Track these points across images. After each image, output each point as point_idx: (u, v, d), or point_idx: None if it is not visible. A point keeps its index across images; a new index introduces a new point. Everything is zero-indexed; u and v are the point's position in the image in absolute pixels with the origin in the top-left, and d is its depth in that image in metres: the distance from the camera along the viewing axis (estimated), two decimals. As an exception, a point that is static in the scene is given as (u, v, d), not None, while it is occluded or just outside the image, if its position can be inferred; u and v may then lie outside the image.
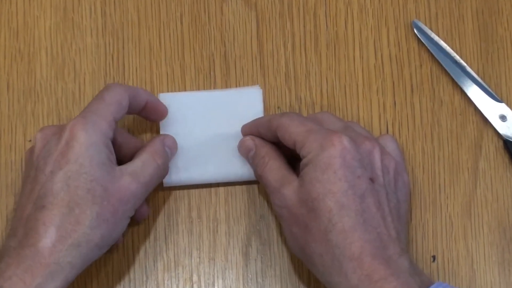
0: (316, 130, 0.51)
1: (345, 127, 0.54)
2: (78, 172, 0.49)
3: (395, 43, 0.61)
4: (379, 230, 0.49)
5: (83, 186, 0.49)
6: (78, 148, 0.49)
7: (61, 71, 0.61)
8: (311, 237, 0.50)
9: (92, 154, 0.50)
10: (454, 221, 0.58)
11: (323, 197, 0.49)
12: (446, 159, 0.59)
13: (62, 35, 0.61)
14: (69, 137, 0.50)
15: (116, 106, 0.52)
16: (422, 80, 0.60)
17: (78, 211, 0.49)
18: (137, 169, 0.52)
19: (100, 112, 0.51)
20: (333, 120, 0.55)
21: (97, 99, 0.52)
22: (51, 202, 0.49)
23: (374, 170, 0.51)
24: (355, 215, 0.49)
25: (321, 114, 0.56)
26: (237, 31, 0.61)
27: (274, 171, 0.53)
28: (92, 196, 0.49)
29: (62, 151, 0.50)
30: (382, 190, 0.51)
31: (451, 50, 0.60)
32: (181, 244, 0.58)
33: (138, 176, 0.52)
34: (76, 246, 0.49)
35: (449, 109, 0.60)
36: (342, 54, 0.61)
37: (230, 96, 0.59)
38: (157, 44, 0.61)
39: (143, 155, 0.53)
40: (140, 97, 0.55)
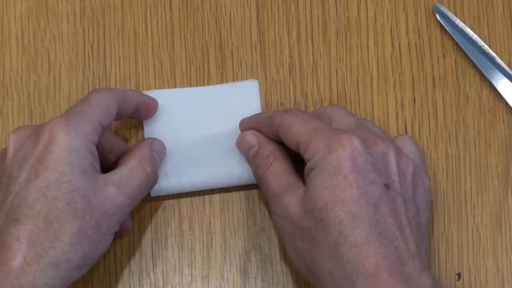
0: (322, 129, 0.51)
1: (358, 124, 0.54)
2: (58, 181, 0.49)
3: (414, 30, 0.61)
4: (396, 243, 0.49)
5: (63, 197, 0.49)
6: (58, 153, 0.49)
7: (33, 62, 0.60)
8: (318, 252, 0.49)
9: (73, 161, 0.49)
10: (482, 233, 0.58)
11: (332, 206, 0.49)
12: (473, 163, 0.59)
13: (35, 21, 0.61)
14: (48, 140, 0.49)
15: (104, 111, 0.52)
16: (446, 73, 0.60)
17: (56, 225, 0.48)
18: (124, 178, 0.52)
19: (84, 114, 0.51)
20: (344, 116, 0.55)
21: (82, 102, 0.52)
22: (26, 215, 0.48)
23: (389, 175, 0.51)
24: (368, 226, 0.48)
25: (331, 108, 0.56)
26: (234, 16, 0.61)
27: (277, 175, 0.53)
28: (73, 209, 0.49)
29: (40, 156, 0.49)
30: (399, 198, 0.50)
31: (478, 39, 0.60)
32: (170, 260, 0.57)
33: (125, 187, 0.51)
34: (54, 265, 0.48)
35: (476, 106, 0.60)
36: (354, 43, 0.60)
37: (221, 91, 0.59)
38: (143, 31, 0.61)
39: (130, 162, 0.53)
40: (130, 101, 0.55)
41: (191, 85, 0.59)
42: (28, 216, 0.48)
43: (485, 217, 0.58)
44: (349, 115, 0.55)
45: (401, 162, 0.52)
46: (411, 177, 0.52)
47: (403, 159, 0.52)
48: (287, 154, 0.55)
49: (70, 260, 0.49)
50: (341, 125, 0.53)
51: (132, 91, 0.56)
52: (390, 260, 0.48)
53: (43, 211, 0.48)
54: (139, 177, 0.53)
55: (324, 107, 0.57)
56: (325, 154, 0.50)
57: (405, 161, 0.52)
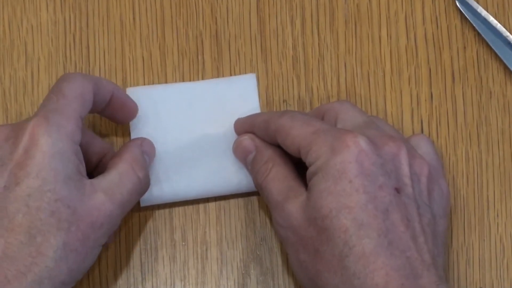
0: (325, 130, 0.51)
1: (367, 123, 0.54)
2: (40, 190, 0.48)
3: (432, 19, 0.61)
4: (408, 254, 0.48)
5: (46, 208, 0.48)
6: (40, 158, 0.49)
7: (9, 55, 0.60)
8: (323, 265, 0.49)
9: (57, 166, 0.49)
10: (507, 244, 0.58)
11: (336, 213, 0.49)
12: (496, 167, 0.59)
13: (10, 8, 0.61)
14: (29, 144, 0.49)
15: (81, 102, 0.52)
16: (466, 66, 0.60)
17: (40, 239, 0.48)
18: (113, 184, 0.52)
19: (63, 110, 0.51)
20: (352, 113, 0.55)
21: (55, 94, 0.51)
22: (5, 227, 0.48)
23: (400, 178, 0.51)
24: (377, 235, 0.48)
25: (338, 104, 0.56)
26: (232, 3, 0.61)
27: (278, 181, 0.53)
28: (57, 220, 0.48)
29: (20, 161, 0.49)
30: (412, 203, 0.50)
31: (503, 28, 0.60)
32: (161, 274, 0.57)
33: (114, 194, 0.51)
34: (37, 283, 0.48)
35: (500, 103, 0.60)
36: (365, 33, 0.61)
37: (216, 87, 0.59)
38: (131, 20, 0.61)
39: (120, 166, 0.53)
40: (104, 89, 0.54)
41: (183, 79, 0.60)
42: (8, 228, 0.48)
43: (510, 226, 0.58)
44: (357, 112, 0.55)
45: (414, 163, 0.52)
46: (426, 180, 0.52)
47: (417, 160, 0.52)
48: (287, 158, 0.55)
49: (55, 276, 0.48)
50: (347, 124, 0.54)
51: (106, 79, 0.56)
52: (401, 272, 0.48)
53: (25, 223, 0.48)
54: (131, 182, 0.52)
55: (330, 103, 0.58)
56: (329, 157, 0.50)
57: (419, 163, 0.52)
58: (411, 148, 0.53)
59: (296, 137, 0.52)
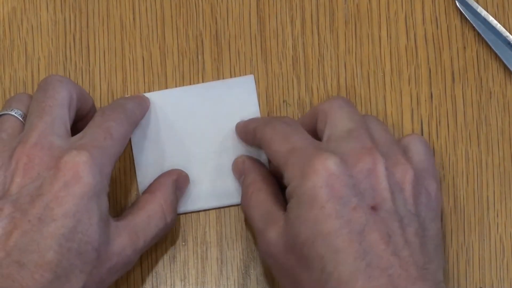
0: (299, 150, 0.51)
1: (354, 129, 0.52)
2: (74, 230, 0.48)
3: (432, 19, 0.61)
4: (391, 271, 0.47)
5: (76, 249, 0.48)
6: (79, 198, 0.48)
7: (9, 55, 0.61)
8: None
9: (93, 208, 0.49)
10: (507, 244, 0.58)
11: (312, 241, 0.48)
12: (496, 167, 0.59)
13: (10, 9, 0.61)
14: (71, 179, 0.49)
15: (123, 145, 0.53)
16: (466, 66, 0.60)
17: (64, 279, 0.48)
18: (139, 228, 0.52)
19: (108, 152, 0.51)
20: (341, 114, 0.53)
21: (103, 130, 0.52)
22: (35, 262, 0.47)
23: (377, 194, 0.50)
24: (353, 259, 0.47)
25: (329, 105, 0.54)
26: (232, 3, 0.61)
27: (258, 208, 0.53)
28: (83, 262, 0.49)
29: (59, 196, 0.48)
30: (393, 217, 0.49)
31: (503, 28, 0.59)
32: (161, 274, 0.58)
33: (138, 239, 0.52)
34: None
35: (500, 103, 0.60)
36: (365, 33, 0.61)
37: (213, 90, 0.59)
38: (131, 20, 0.61)
39: (151, 207, 0.54)
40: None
41: (183, 79, 0.60)
42: (37, 264, 0.47)
43: (510, 226, 0.58)
44: (347, 114, 0.54)
45: (396, 172, 0.51)
46: (411, 187, 0.51)
47: (400, 167, 0.51)
48: (271, 178, 0.55)
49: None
50: (333, 132, 0.53)
51: None
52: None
53: (54, 261, 0.47)
54: (157, 227, 0.53)
55: (322, 103, 0.56)
56: (300, 182, 0.49)
57: (401, 170, 0.51)
58: (395, 154, 0.52)
59: (274, 153, 0.52)
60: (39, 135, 0.50)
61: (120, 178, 0.59)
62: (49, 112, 0.51)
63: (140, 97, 0.58)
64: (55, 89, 0.52)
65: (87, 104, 0.55)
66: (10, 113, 0.53)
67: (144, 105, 0.58)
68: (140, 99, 0.58)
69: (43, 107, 0.51)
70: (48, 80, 0.53)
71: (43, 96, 0.52)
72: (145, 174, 0.58)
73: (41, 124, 0.51)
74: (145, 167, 0.58)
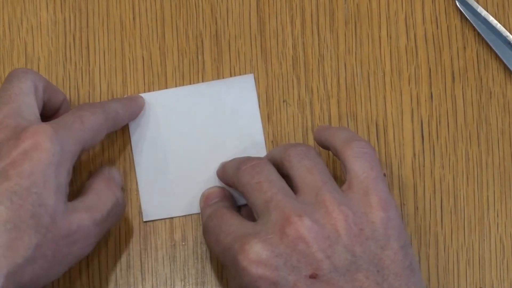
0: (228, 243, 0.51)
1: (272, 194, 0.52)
2: (28, 190, 0.49)
3: (432, 19, 0.61)
4: None
5: (29, 209, 0.49)
6: (36, 162, 0.49)
7: (9, 54, 0.61)
8: None
9: (50, 175, 0.50)
10: (506, 244, 0.58)
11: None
12: (496, 167, 0.59)
13: (10, 8, 0.61)
14: (30, 146, 0.50)
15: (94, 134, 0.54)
16: (466, 66, 0.60)
17: (14, 235, 0.48)
18: (93, 203, 0.53)
19: (75, 134, 0.52)
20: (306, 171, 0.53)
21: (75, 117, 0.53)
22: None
23: (311, 259, 0.49)
24: None
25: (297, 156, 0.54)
26: (232, 3, 0.61)
27: None
28: (36, 223, 0.49)
29: (16, 159, 0.49)
30: (335, 275, 0.49)
31: (503, 28, 0.60)
32: (161, 274, 0.58)
33: (93, 212, 0.52)
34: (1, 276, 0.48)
35: (500, 103, 0.60)
36: (365, 33, 0.61)
37: (213, 90, 0.60)
38: (131, 20, 0.61)
39: (98, 185, 0.54)
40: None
41: (183, 79, 0.60)
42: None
43: (510, 226, 0.58)
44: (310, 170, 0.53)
45: (326, 222, 0.50)
46: (346, 231, 0.50)
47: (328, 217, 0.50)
48: None
49: (19, 275, 0.48)
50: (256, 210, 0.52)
51: None
52: None
53: (3, 215, 0.48)
54: (110, 201, 0.54)
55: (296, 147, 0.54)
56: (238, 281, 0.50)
57: (331, 218, 0.50)
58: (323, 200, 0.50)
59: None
60: (4, 116, 0.51)
61: (120, 178, 0.58)
62: (15, 99, 0.52)
63: (130, 98, 0.58)
64: (20, 80, 0.53)
65: (56, 97, 0.56)
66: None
67: (134, 105, 0.58)
68: (129, 100, 0.58)
69: (9, 95, 0.52)
70: (13, 73, 0.54)
71: (9, 85, 0.53)
72: (145, 174, 0.58)
73: (7, 108, 0.52)
74: (145, 167, 0.58)
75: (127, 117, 0.57)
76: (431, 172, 0.59)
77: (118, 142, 0.59)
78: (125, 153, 0.59)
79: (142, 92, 0.60)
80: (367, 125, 0.59)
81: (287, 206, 0.51)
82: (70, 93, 0.60)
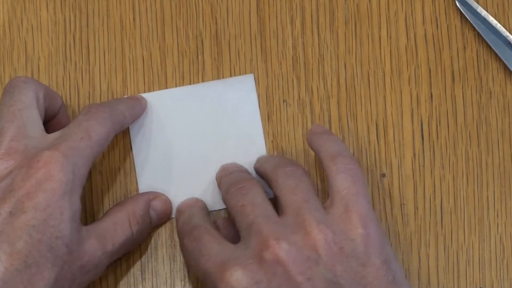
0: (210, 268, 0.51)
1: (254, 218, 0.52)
2: (45, 223, 0.49)
3: (432, 19, 0.61)
4: None
5: (47, 242, 0.49)
6: (51, 194, 0.50)
7: (9, 54, 0.61)
8: None
9: (65, 206, 0.50)
10: (506, 244, 0.58)
11: None
12: (496, 167, 0.59)
13: (10, 8, 0.61)
14: (43, 177, 0.50)
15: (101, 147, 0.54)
16: (466, 66, 0.60)
17: (34, 270, 0.49)
18: (107, 233, 0.53)
19: (84, 152, 0.52)
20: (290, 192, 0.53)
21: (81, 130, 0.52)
22: (5, 252, 0.48)
23: (291, 283, 0.49)
24: None
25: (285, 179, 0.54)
26: (232, 3, 0.61)
27: None
28: (54, 256, 0.49)
29: (30, 191, 0.50)
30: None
31: (503, 28, 0.60)
32: (161, 274, 0.58)
33: (106, 242, 0.53)
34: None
35: (500, 103, 0.60)
36: (365, 33, 0.61)
37: (213, 90, 0.60)
38: (131, 20, 0.61)
39: (117, 215, 0.55)
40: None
41: (183, 79, 0.60)
42: (6, 252, 0.48)
43: (510, 226, 0.58)
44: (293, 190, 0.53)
45: (305, 244, 0.50)
46: (326, 251, 0.50)
47: (307, 238, 0.50)
48: None
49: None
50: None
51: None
52: None
53: (24, 251, 0.48)
54: (124, 234, 0.54)
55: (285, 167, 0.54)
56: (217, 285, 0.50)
57: (310, 239, 0.50)
58: (302, 221, 0.50)
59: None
60: (11, 139, 0.51)
61: (120, 178, 0.59)
62: (19, 116, 0.52)
63: (135, 99, 0.58)
64: (21, 92, 0.53)
65: (56, 103, 0.56)
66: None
67: (138, 107, 0.58)
68: (134, 101, 0.58)
69: (13, 111, 0.52)
70: (13, 83, 0.54)
71: (10, 99, 0.53)
72: (145, 174, 0.59)
73: (12, 128, 0.52)
74: (145, 167, 0.59)
75: (132, 119, 0.58)
76: (431, 172, 0.59)
77: (118, 142, 0.59)
78: (125, 153, 0.59)
79: (142, 92, 0.60)
80: (367, 125, 0.59)
81: (265, 229, 0.50)
82: (70, 93, 0.60)
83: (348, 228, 0.51)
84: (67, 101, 0.60)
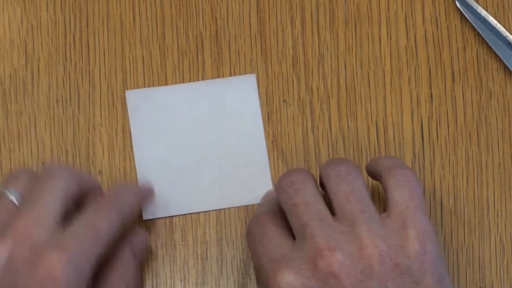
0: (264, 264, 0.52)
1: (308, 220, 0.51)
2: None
3: (432, 19, 0.61)
4: None
5: None
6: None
7: (8, 55, 0.61)
8: None
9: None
10: (506, 244, 0.59)
11: None
12: (496, 167, 0.59)
13: (10, 8, 0.61)
14: (45, 277, 0.49)
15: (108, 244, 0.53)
16: (466, 67, 0.61)
17: None
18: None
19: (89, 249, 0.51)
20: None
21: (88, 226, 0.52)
22: None
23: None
24: None
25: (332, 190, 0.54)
26: (232, 3, 0.61)
27: None
28: None
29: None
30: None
31: (503, 29, 0.60)
32: (161, 274, 0.58)
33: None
34: None
35: (500, 103, 0.60)
36: (365, 33, 0.61)
37: (214, 88, 0.60)
38: (131, 20, 0.61)
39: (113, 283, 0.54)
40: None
41: (183, 79, 0.60)
42: None
43: (510, 226, 0.58)
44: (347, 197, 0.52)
45: (361, 256, 0.49)
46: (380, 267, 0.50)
47: (363, 252, 0.50)
48: None
49: None
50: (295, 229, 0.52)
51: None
52: None
53: None
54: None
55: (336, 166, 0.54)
56: (266, 286, 0.50)
57: (367, 253, 0.50)
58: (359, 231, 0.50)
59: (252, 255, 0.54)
60: (24, 226, 0.51)
61: (120, 178, 0.59)
62: (43, 204, 0.51)
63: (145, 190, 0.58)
64: (54, 182, 0.52)
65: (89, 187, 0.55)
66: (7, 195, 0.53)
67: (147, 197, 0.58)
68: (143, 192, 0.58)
69: (38, 198, 0.52)
70: (52, 171, 0.53)
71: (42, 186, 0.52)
72: (145, 174, 0.59)
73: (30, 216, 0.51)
74: (145, 167, 0.59)
75: (138, 206, 0.57)
76: (431, 172, 0.59)
77: (118, 142, 0.59)
78: (125, 152, 0.59)
79: (142, 92, 0.60)
80: (367, 125, 0.60)
81: (321, 236, 0.50)
82: (70, 93, 0.60)
83: (405, 244, 0.50)
84: (67, 101, 0.60)
